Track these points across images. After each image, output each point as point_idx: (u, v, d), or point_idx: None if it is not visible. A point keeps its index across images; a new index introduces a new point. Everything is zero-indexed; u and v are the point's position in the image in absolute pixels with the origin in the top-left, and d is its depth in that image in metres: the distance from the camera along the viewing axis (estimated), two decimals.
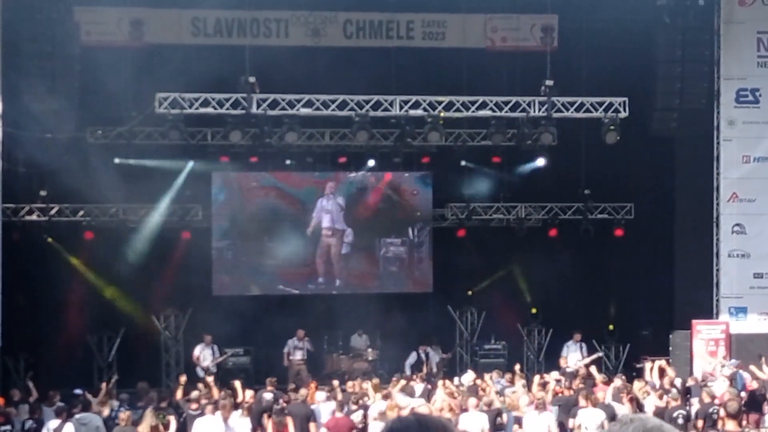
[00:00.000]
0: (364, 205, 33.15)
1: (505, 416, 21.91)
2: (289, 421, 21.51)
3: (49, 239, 30.51)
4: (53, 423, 21.15)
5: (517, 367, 27.46)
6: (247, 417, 21.72)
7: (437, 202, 32.79)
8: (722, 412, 19.64)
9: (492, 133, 29.10)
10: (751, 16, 29.06)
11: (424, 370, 29.04)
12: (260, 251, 32.51)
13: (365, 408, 22.53)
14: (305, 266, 33.03)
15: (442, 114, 28.07)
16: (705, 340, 29.08)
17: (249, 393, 23.60)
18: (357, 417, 22.06)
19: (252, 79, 26.79)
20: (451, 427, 4.80)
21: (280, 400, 22.76)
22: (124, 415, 20.82)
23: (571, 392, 23.26)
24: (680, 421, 21.07)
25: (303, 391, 23.35)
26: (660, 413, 21.46)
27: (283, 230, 32.50)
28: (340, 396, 23.87)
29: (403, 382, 24.88)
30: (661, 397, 22.27)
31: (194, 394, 22.80)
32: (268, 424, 21.89)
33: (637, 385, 24.64)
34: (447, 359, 31.24)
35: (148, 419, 20.33)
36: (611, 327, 32.18)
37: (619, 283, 32.61)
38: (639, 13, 30.12)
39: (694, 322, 29.32)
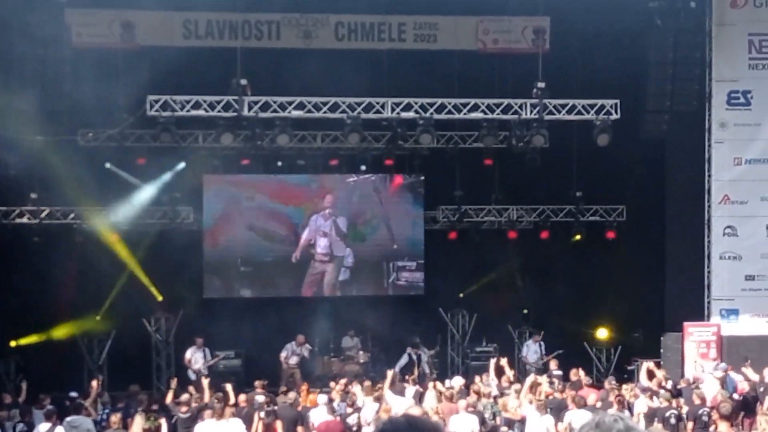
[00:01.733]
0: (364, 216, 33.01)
1: (498, 419, 21.93)
2: (279, 424, 21.51)
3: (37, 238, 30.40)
4: (43, 426, 21.06)
5: (504, 360, 27.15)
6: (239, 419, 21.63)
7: (429, 205, 32.73)
8: (714, 414, 19.65)
9: (484, 136, 29.07)
10: (742, 18, 29.07)
11: (416, 371, 28.97)
12: (251, 254, 32.41)
13: (359, 410, 22.49)
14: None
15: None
16: (696, 342, 29.08)
17: (242, 397, 23.51)
18: (352, 420, 22.00)
19: (243, 82, 26.73)
20: (442, 430, 4.76)
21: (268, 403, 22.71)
22: (115, 417, 20.72)
23: (563, 395, 23.23)
24: (672, 421, 21.08)
25: (291, 395, 23.25)
26: (652, 414, 21.51)
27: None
28: (338, 398, 23.79)
29: (390, 374, 24.79)
30: (651, 399, 22.24)
31: (184, 397, 22.73)
32: (259, 425, 21.82)
33: (626, 387, 24.66)
34: (435, 353, 31.10)
35: (139, 422, 20.25)
36: (605, 329, 32.18)
37: (610, 285, 32.59)
38: (630, 15, 30.12)
39: (685, 324, 29.32)
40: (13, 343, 29.91)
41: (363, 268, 32.98)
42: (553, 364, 27.70)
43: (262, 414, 21.85)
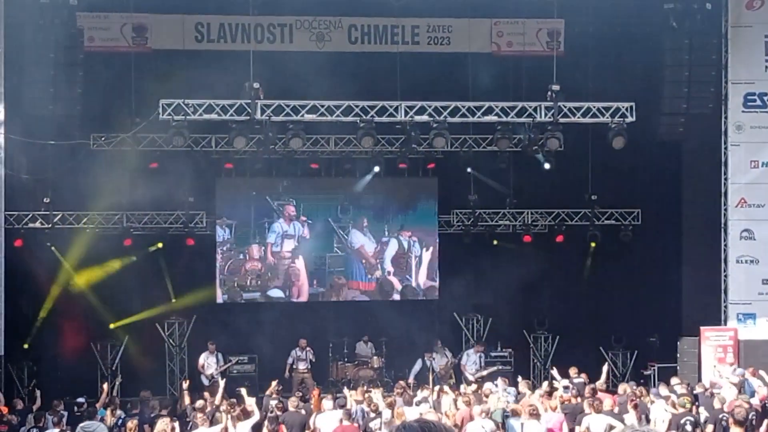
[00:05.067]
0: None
1: (511, 422, 21.74)
2: (284, 429, 21.39)
3: (52, 247, 30.25)
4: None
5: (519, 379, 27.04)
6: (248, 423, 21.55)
7: (443, 209, 32.55)
8: (730, 419, 19.43)
9: (498, 139, 28.90)
10: (758, 20, 28.84)
11: (430, 377, 28.83)
12: (263, 258, 32.26)
13: (380, 415, 22.31)
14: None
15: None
16: (713, 346, 28.86)
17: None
18: (375, 424, 21.82)
19: (256, 85, 26.58)
20: None
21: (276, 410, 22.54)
22: (131, 423, 20.65)
23: (578, 400, 23.05)
24: (688, 428, 20.85)
25: (293, 400, 23.03)
26: (669, 420, 21.29)
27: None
28: (353, 405, 23.61)
29: (400, 390, 24.68)
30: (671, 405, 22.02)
31: (199, 403, 22.65)
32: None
33: (643, 392, 24.45)
34: (451, 364, 30.86)
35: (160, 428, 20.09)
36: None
37: (626, 290, 32.38)
38: (646, 17, 29.94)
39: (702, 328, 29.11)
40: (25, 346, 29.87)
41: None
42: (572, 371, 27.37)
43: (266, 421, 21.75)
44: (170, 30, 29.87)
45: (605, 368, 27.19)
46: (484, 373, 29.46)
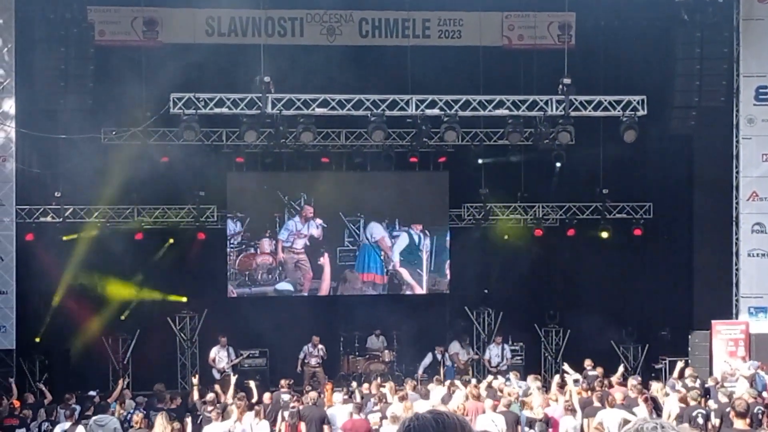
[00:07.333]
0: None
1: (522, 416, 21.72)
2: (302, 425, 21.35)
3: (65, 237, 30.28)
4: (63, 426, 20.99)
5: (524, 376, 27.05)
6: (263, 419, 21.49)
7: (454, 203, 32.51)
8: (731, 412, 19.38)
9: (509, 132, 28.86)
10: None
11: (440, 371, 28.80)
12: (275, 253, 32.26)
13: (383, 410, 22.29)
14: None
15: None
16: (724, 340, 28.81)
17: (267, 395, 23.42)
18: (374, 418, 21.80)
19: (267, 79, 26.55)
20: (469, 427, 4.57)
21: (294, 403, 22.49)
22: (137, 417, 20.62)
23: (590, 394, 23.00)
24: (700, 420, 20.83)
25: (313, 394, 23.01)
26: (680, 413, 21.26)
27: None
28: (359, 398, 23.61)
29: (413, 383, 24.70)
30: (682, 400, 21.95)
31: (210, 396, 22.65)
32: (282, 426, 21.69)
33: (655, 386, 24.39)
34: (474, 359, 30.97)
35: (160, 423, 20.07)
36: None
37: (637, 283, 32.30)
38: (657, 10, 29.90)
39: (713, 322, 29.06)
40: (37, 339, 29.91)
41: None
42: (588, 364, 27.30)
43: (286, 414, 21.70)
44: (181, 24, 29.86)
45: (621, 368, 27.11)
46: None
